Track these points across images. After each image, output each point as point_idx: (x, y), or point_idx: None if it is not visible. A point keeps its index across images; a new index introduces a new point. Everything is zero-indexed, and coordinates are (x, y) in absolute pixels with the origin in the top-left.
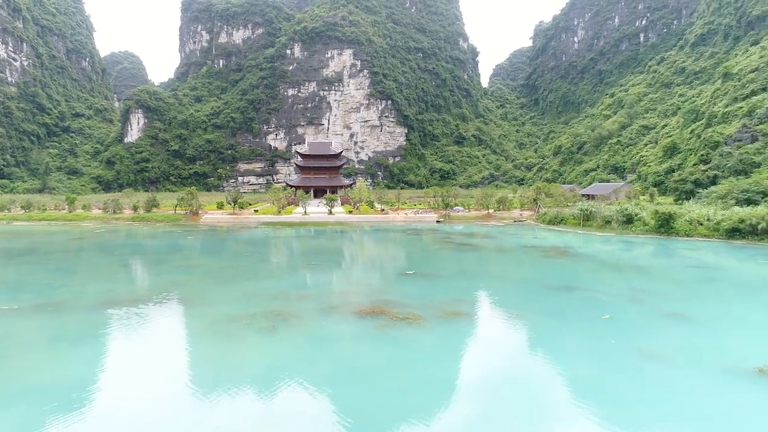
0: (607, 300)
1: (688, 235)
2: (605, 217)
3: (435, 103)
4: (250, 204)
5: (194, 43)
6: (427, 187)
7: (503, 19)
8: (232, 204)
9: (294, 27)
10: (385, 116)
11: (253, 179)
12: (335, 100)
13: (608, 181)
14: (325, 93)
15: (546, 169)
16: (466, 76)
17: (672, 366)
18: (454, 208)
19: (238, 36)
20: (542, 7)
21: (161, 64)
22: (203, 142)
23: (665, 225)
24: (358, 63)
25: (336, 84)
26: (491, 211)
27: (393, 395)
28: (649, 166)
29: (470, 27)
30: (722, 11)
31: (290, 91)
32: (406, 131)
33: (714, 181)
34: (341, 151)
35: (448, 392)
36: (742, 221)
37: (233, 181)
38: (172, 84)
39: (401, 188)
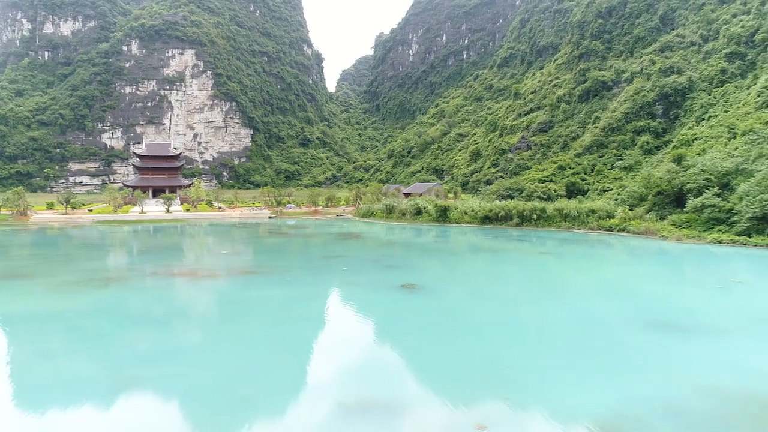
0: (355, 261)
1: (457, 223)
2: (402, 210)
3: (280, 106)
4: (84, 204)
5: (13, 31)
6: (274, 187)
7: (351, 26)
8: (65, 204)
9: (131, 23)
10: (230, 117)
11: (86, 180)
12: (177, 100)
13: (428, 182)
14: (166, 92)
15: (381, 171)
16: (311, 81)
17: (359, 286)
18: (287, 206)
19: (67, 27)
20: (383, 18)
21: None
22: (26, 140)
23: (443, 215)
24: (201, 63)
25: (178, 84)
26: (320, 207)
27: (189, 313)
28: (460, 168)
29: (318, 32)
30: (521, 39)
31: (128, 89)
32: (252, 133)
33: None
34: (180, 152)
35: (227, 306)
36: (490, 211)
37: (63, 181)
38: None
39: (247, 188)
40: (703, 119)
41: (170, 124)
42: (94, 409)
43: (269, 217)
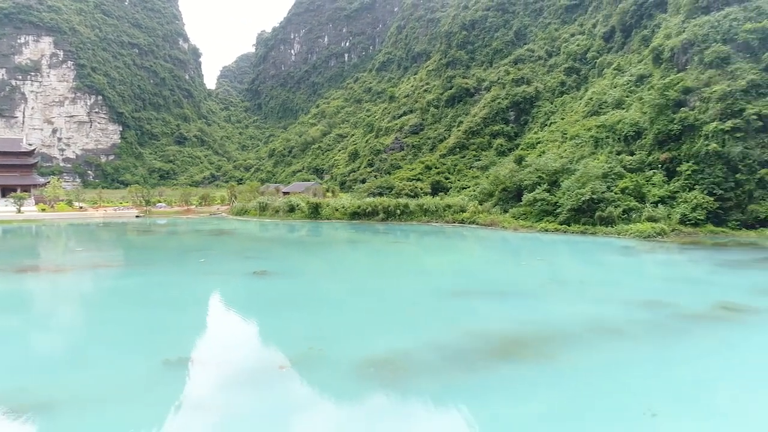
0: (216, 254)
1: (328, 219)
2: (275, 208)
3: (154, 102)
4: None
5: None
6: (147, 186)
7: (231, 22)
8: None
9: None
10: (96, 112)
11: None
12: (32, 92)
13: (308, 181)
14: (18, 83)
15: (262, 170)
16: (187, 77)
17: (213, 275)
18: (157, 205)
19: None
20: (264, 16)
21: None
22: None
23: (315, 212)
24: (61, 53)
25: (33, 74)
26: (193, 206)
27: (32, 302)
28: (339, 168)
29: (195, 26)
30: (398, 45)
31: None
32: (121, 129)
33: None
34: (35, 148)
35: (74, 295)
36: (359, 207)
37: None
38: None
39: (116, 188)
40: (546, 125)
41: (24, 117)
42: None
43: (137, 216)
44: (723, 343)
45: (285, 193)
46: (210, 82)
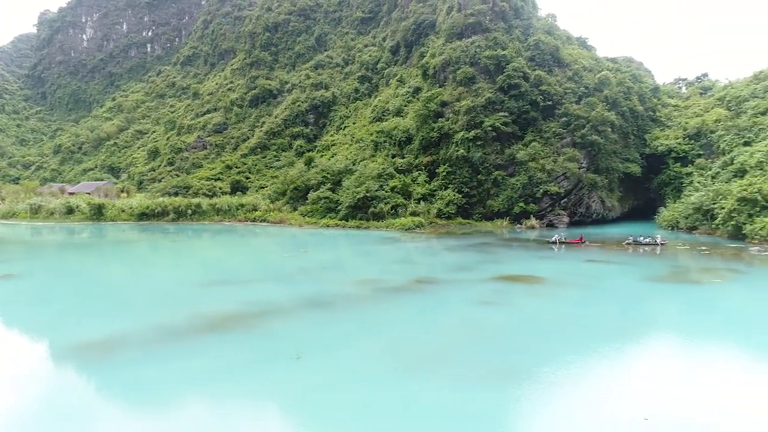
0: None
1: (114, 220)
2: (50, 210)
3: None
4: None
5: None
6: None
7: None
8: None
9: None
10: None
11: None
12: None
13: (102, 180)
14: None
15: (45, 168)
16: None
17: (85, 274)
18: None
19: None
20: None
21: None
22: None
23: (98, 213)
24: None
25: None
26: None
27: None
28: (138, 167)
29: None
30: (204, 40)
31: None
32: None
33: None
34: None
35: None
36: (147, 208)
37: None
38: None
39: None
40: (341, 128)
41: None
42: None
43: None
44: (392, 305)
45: (71, 194)
46: None
